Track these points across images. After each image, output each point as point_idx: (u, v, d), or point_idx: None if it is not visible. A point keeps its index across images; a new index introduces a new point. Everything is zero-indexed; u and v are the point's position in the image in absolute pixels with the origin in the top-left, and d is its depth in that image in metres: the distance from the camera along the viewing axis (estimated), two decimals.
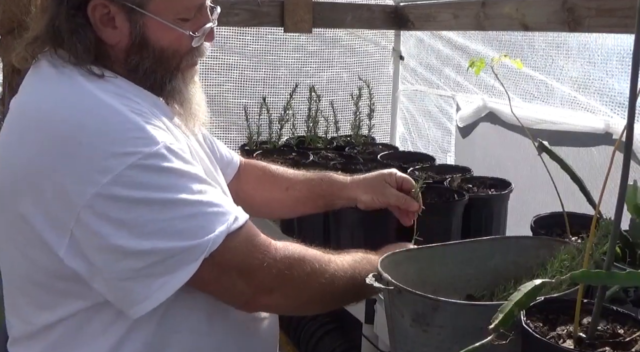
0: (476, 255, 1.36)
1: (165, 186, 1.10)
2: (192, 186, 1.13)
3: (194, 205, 1.12)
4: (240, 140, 2.93)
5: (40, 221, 1.10)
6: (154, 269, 1.09)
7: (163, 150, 1.11)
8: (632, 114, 0.88)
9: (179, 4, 1.23)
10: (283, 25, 2.90)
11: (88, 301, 1.16)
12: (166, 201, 1.10)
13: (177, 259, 1.09)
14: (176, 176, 1.12)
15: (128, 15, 1.19)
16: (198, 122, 1.37)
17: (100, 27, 1.20)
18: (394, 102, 3.32)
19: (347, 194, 1.62)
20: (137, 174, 1.07)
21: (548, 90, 2.30)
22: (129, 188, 1.07)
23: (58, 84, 1.17)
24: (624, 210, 0.91)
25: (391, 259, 1.28)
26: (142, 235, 1.08)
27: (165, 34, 1.22)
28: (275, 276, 1.19)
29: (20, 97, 1.21)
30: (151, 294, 1.10)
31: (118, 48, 1.22)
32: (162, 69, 1.26)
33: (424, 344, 1.14)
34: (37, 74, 1.22)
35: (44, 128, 1.11)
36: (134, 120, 1.11)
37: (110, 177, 1.06)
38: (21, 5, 1.92)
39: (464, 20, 2.63)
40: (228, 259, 1.14)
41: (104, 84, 1.17)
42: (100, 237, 1.08)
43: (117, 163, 1.06)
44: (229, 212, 1.16)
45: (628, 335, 0.95)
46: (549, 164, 1.33)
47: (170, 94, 1.29)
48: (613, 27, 1.90)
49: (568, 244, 1.29)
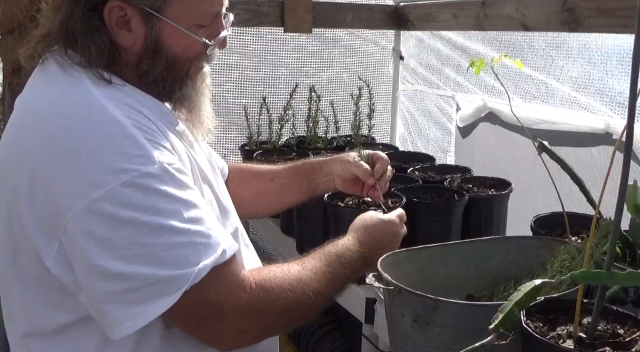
0: (476, 255, 1.36)
1: (157, 209, 1.06)
2: (184, 213, 1.09)
3: (183, 233, 1.08)
4: (240, 140, 2.93)
5: (32, 225, 1.08)
6: (130, 295, 1.05)
7: (160, 171, 1.08)
8: (632, 114, 0.88)
9: (197, 11, 1.21)
10: (283, 25, 2.91)
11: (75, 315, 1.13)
12: (155, 226, 1.06)
13: (157, 288, 1.05)
14: (169, 201, 1.08)
15: (144, 19, 1.18)
16: (205, 128, 1.35)
17: (115, 30, 1.18)
18: (394, 102, 3.33)
19: (325, 169, 1.64)
20: (130, 192, 1.05)
21: (548, 90, 2.30)
22: (119, 206, 1.04)
23: (64, 88, 1.15)
24: (624, 210, 0.91)
25: (391, 259, 1.28)
26: (124, 258, 1.04)
27: (180, 40, 1.21)
28: (246, 320, 1.14)
29: (25, 97, 1.20)
30: (125, 321, 1.06)
31: (131, 52, 1.20)
32: (172, 76, 1.24)
33: (424, 344, 1.14)
34: (43, 75, 1.20)
35: (45, 132, 1.10)
36: (135, 137, 1.09)
37: (102, 193, 1.03)
38: (21, 5, 1.92)
39: (464, 20, 2.63)
40: (205, 295, 1.09)
41: (111, 90, 1.15)
42: (83, 252, 1.05)
43: (111, 179, 1.04)
44: (217, 244, 1.11)
45: (628, 335, 0.95)
46: (549, 164, 1.33)
47: (179, 100, 1.28)
48: (613, 27, 1.90)
49: (568, 244, 1.29)
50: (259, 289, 1.15)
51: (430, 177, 2.25)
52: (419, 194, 2.01)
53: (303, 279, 1.21)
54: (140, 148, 1.08)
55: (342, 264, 1.31)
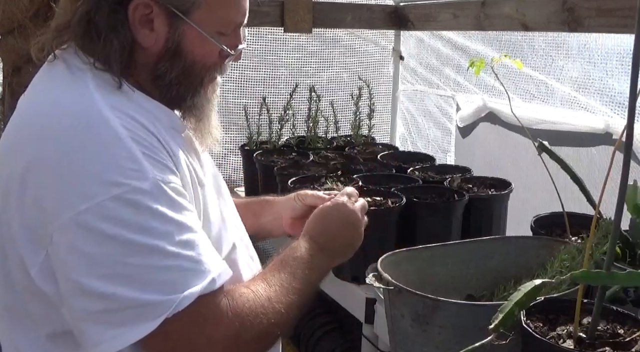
0: (476, 255, 1.36)
1: (145, 228, 1.01)
2: (175, 235, 1.03)
3: (172, 257, 1.02)
4: (240, 140, 2.93)
5: (19, 231, 1.06)
6: (109, 316, 1.00)
7: (154, 188, 1.03)
8: (632, 114, 0.88)
9: (223, 18, 1.19)
10: (283, 25, 2.91)
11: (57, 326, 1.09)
12: (142, 245, 1.00)
13: (137, 312, 1.00)
14: (160, 220, 1.02)
15: (169, 20, 1.15)
16: (212, 138, 1.32)
17: (138, 27, 1.14)
18: (394, 102, 3.33)
19: (275, 208, 1.55)
20: (119, 207, 1.00)
21: (548, 90, 2.30)
22: (105, 221, 0.99)
23: (65, 90, 1.12)
24: (624, 210, 0.91)
25: (391, 259, 1.28)
26: (105, 276, 1.00)
27: (201, 46, 1.18)
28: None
29: (27, 98, 1.17)
30: (102, 342, 1.01)
31: (150, 52, 1.17)
32: (187, 82, 1.21)
33: (424, 344, 1.14)
34: (48, 75, 1.17)
35: (40, 137, 1.07)
36: (131, 149, 1.05)
37: (90, 205, 0.99)
38: (21, 5, 1.92)
39: (464, 20, 2.63)
40: (184, 326, 1.03)
41: (115, 97, 1.12)
42: (65, 266, 1.01)
43: (102, 191, 1.00)
44: (208, 271, 1.05)
45: (628, 335, 0.95)
46: (549, 164, 1.33)
47: (190, 109, 1.25)
48: (613, 27, 1.90)
49: (568, 244, 1.29)
50: (235, 318, 1.09)
51: (430, 177, 2.25)
52: (419, 194, 2.01)
53: (272, 297, 1.15)
54: (135, 162, 1.04)
55: (305, 266, 1.24)
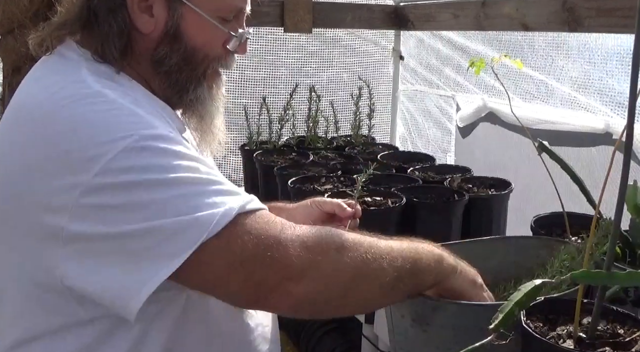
0: (476, 255, 1.36)
1: (166, 167, 0.98)
2: (198, 166, 1.00)
3: (202, 183, 0.99)
4: (240, 140, 2.92)
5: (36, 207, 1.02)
6: (150, 250, 0.96)
7: (163, 134, 1.01)
8: (632, 114, 0.88)
9: (224, 1, 1.19)
10: (283, 25, 2.91)
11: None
12: (167, 181, 0.97)
13: (179, 236, 0.95)
14: (178, 157, 0.99)
15: (168, 3, 1.15)
16: (215, 140, 1.30)
17: (137, 12, 1.14)
18: (394, 102, 3.33)
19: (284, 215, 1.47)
20: (133, 156, 0.96)
21: (548, 90, 2.30)
22: (124, 173, 0.96)
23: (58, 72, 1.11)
24: (624, 210, 0.91)
25: None
26: (145, 218, 0.95)
27: (202, 31, 1.18)
28: (306, 257, 0.98)
29: (19, 89, 1.15)
30: (148, 278, 0.95)
31: (149, 38, 1.17)
32: (188, 70, 1.19)
33: (424, 344, 1.14)
34: (42, 65, 1.16)
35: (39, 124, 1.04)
36: (133, 109, 1.03)
37: (102, 164, 0.96)
38: (21, 5, 1.92)
39: (464, 20, 2.63)
40: (244, 241, 0.97)
41: (111, 83, 1.10)
42: (102, 223, 0.97)
43: (110, 148, 0.96)
44: (243, 193, 1.03)
45: (628, 335, 0.95)
46: (549, 164, 1.33)
47: (192, 103, 1.22)
48: (613, 27, 1.90)
49: (568, 244, 1.29)
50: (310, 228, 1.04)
51: (430, 177, 2.25)
52: (419, 194, 2.01)
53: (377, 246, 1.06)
54: (138, 116, 1.02)
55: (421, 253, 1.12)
